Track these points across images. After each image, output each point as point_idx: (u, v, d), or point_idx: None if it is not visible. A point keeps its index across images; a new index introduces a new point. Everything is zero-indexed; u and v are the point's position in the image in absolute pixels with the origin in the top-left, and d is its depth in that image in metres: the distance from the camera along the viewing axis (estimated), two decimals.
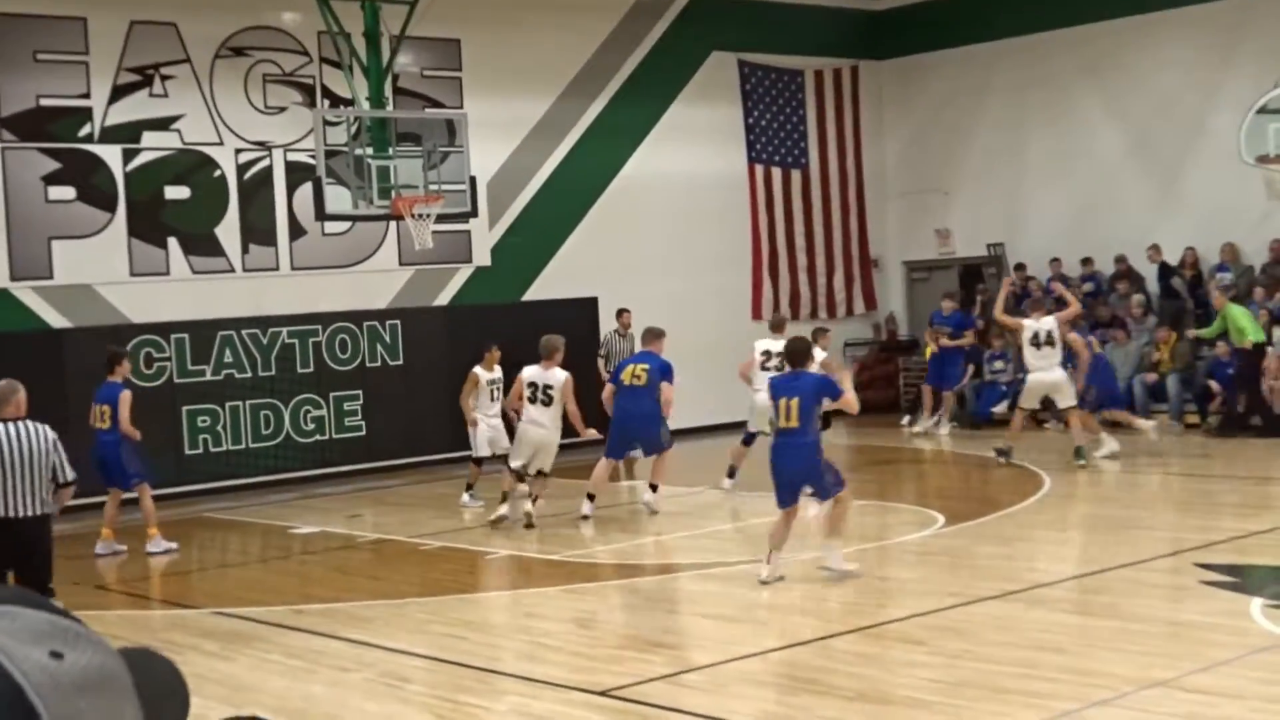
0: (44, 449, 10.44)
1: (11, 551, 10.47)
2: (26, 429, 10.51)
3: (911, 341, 26.07)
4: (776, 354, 16.52)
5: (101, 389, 15.06)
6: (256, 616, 11.73)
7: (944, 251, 26.43)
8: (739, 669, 9.41)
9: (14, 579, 10.50)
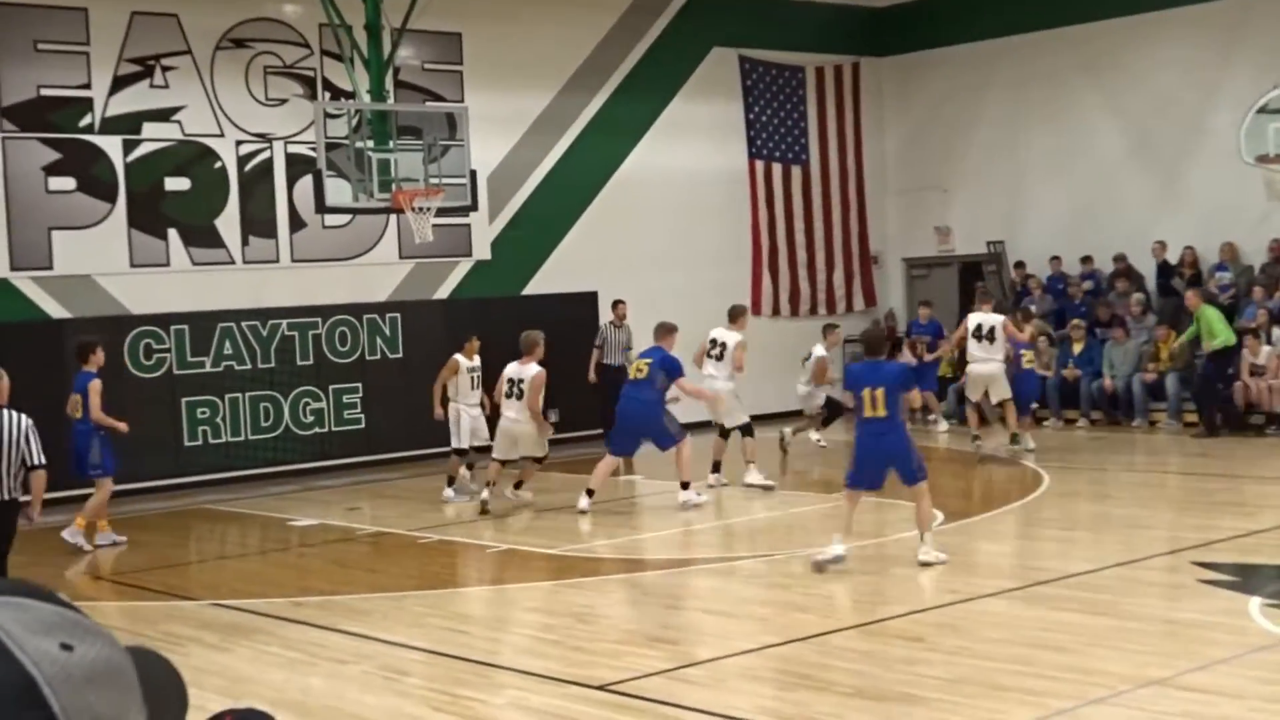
0: (14, 436, 10.76)
1: None
2: (3, 417, 10.83)
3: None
4: (720, 343, 16.73)
5: (76, 379, 14.95)
6: (255, 608, 11.74)
7: (944, 249, 26.43)
8: (738, 664, 9.42)
9: None
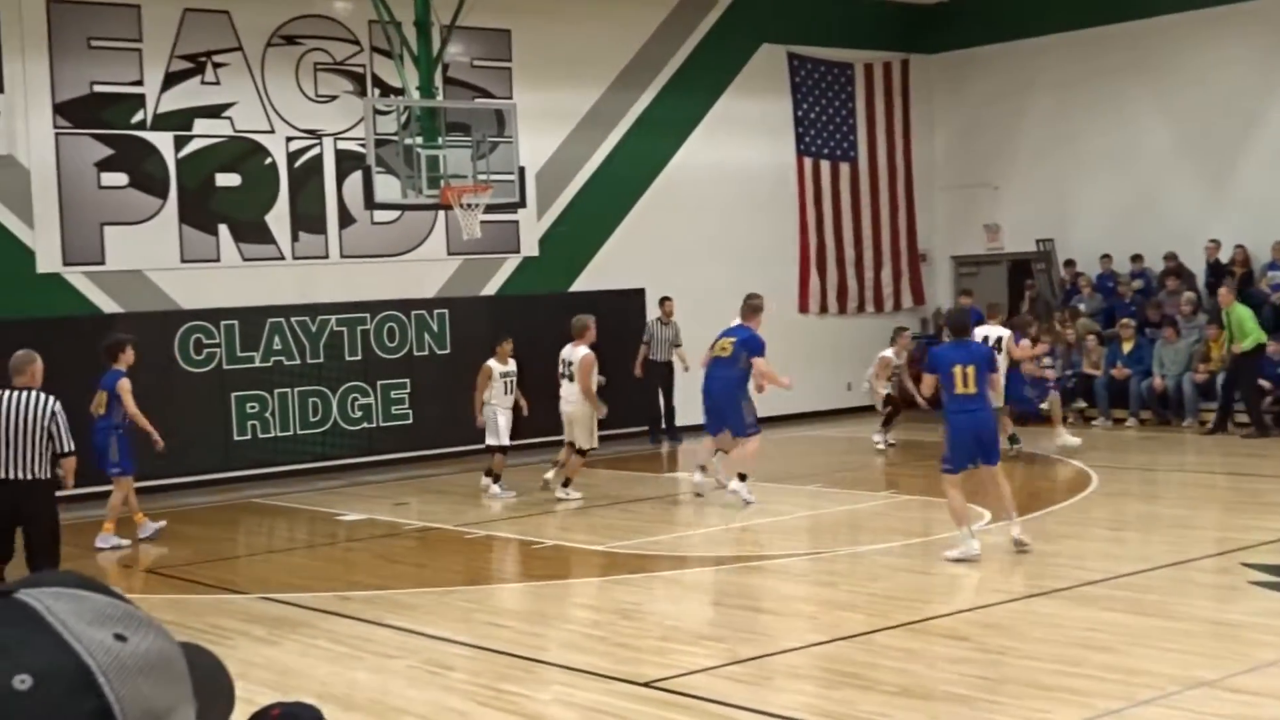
0: (38, 417, 10.94)
1: (10, 512, 11.10)
2: (29, 397, 11.05)
3: None
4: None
5: (104, 376, 14.88)
6: (302, 602, 11.82)
7: (992, 247, 26.31)
8: (783, 662, 9.42)
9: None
